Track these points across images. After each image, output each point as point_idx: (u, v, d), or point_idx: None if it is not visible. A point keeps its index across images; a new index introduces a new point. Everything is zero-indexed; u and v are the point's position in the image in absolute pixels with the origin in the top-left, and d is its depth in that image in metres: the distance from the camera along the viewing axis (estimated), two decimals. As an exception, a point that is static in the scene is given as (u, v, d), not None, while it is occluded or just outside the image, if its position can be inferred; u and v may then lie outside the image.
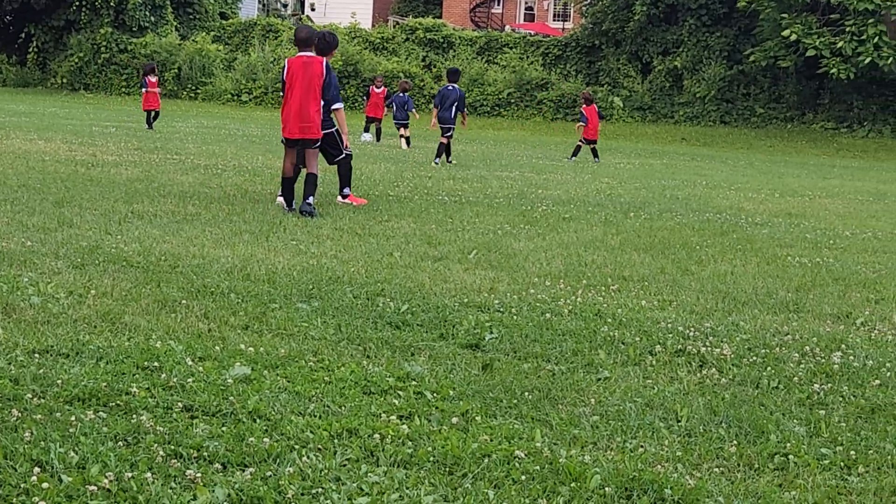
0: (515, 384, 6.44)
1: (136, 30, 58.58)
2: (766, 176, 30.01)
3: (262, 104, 56.19)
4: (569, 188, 20.57)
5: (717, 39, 55.32)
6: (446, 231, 13.11)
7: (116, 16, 58.21)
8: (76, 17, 58.20)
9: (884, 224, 17.61)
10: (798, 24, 48.85)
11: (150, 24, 58.89)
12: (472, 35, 60.58)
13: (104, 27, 58.00)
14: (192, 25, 61.79)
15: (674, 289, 10.06)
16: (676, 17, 56.44)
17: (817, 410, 6.29)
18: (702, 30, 55.72)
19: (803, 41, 48.56)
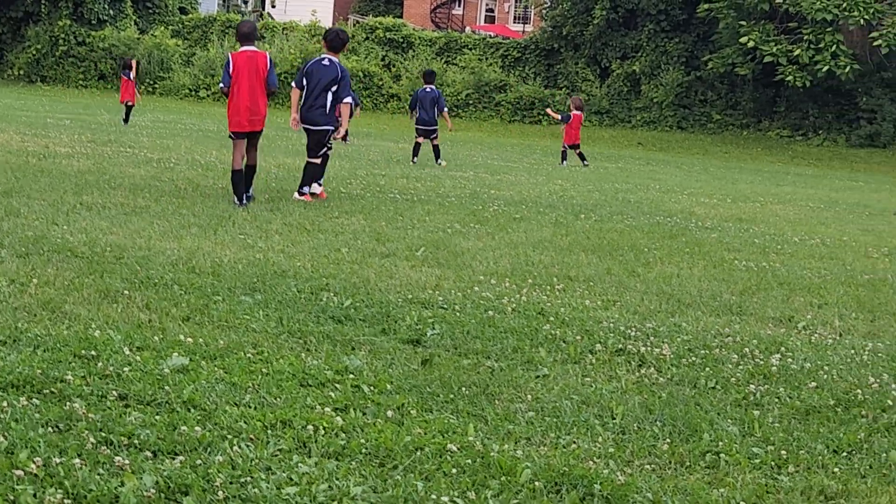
0: (454, 379, 6.46)
1: (95, 23, 58.27)
2: (720, 181, 30.14)
3: (220, 100, 55.93)
4: (522, 189, 20.60)
5: (676, 45, 55.52)
6: (396, 229, 13.12)
7: (75, 8, 57.90)
8: (35, 8, 57.87)
9: (833, 231, 17.72)
10: (756, 31, 49.09)
11: (109, 17, 58.60)
12: (432, 35, 60.58)
13: (63, 19, 57.68)
14: (152, 20, 61.53)
15: (619, 289, 10.10)
16: (636, 22, 56.61)
17: (752, 411, 6.34)
18: (660, 35, 55.90)
19: (761, 48, 48.80)
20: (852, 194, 29.11)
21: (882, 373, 7.46)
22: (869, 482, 5.33)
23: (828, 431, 6.07)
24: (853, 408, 6.57)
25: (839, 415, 6.42)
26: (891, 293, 11.30)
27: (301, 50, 56.20)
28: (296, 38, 57.84)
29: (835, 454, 5.73)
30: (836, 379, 7.22)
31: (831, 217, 20.74)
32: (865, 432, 6.10)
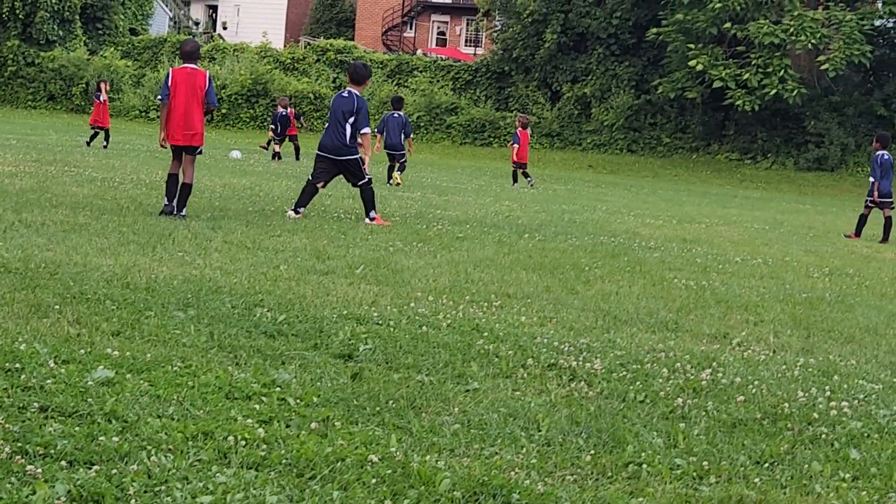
0: (382, 393, 6.45)
1: (44, 43, 58.09)
2: (668, 203, 30.31)
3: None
4: (468, 209, 20.64)
5: (626, 69, 55.85)
6: (337, 247, 13.10)
7: (24, 29, 57.72)
8: (-17, 29, 57.69)
9: (775, 251, 17.83)
10: (705, 55, 49.48)
11: (59, 38, 58.43)
12: (384, 58, 60.72)
13: (11, 40, 57.50)
14: (102, 41, 61.40)
15: (556, 306, 10.12)
16: (586, 46, 56.92)
17: (678, 423, 6.36)
18: (610, 59, 56.24)
19: (710, 72, 49.18)
20: (798, 216, 29.33)
21: (811, 387, 7.50)
22: (788, 492, 5.35)
23: (752, 443, 6.10)
24: (779, 421, 6.60)
25: (765, 427, 6.45)
26: (827, 310, 11.38)
27: (252, 71, 56.20)
28: (247, 60, 57.85)
29: (757, 465, 5.75)
30: (766, 393, 7.25)
31: (775, 238, 20.87)
32: (789, 444, 6.13)
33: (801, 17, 47.87)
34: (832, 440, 6.29)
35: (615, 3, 55.68)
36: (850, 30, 47.61)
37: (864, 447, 6.22)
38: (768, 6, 48.81)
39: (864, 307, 11.90)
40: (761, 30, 47.84)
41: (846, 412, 6.90)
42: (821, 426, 6.54)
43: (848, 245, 20.69)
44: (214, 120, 56.09)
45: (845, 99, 52.66)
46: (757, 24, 48.08)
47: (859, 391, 7.55)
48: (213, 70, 57.02)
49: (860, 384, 7.77)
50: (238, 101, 56.42)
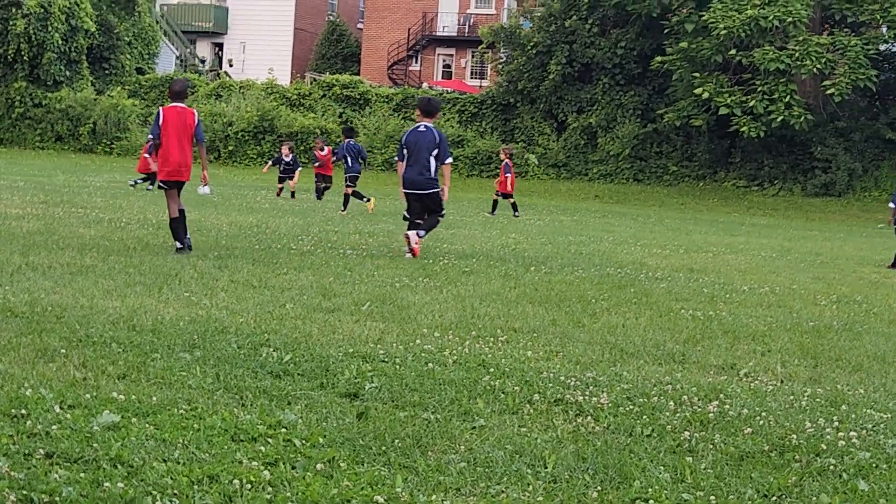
0: (388, 432, 6.45)
1: (52, 84, 58.25)
2: (675, 233, 30.29)
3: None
4: (474, 243, 20.66)
5: (631, 98, 55.93)
6: (344, 284, 13.11)
7: (31, 70, 57.89)
8: (-10, 70, 57.90)
9: (783, 279, 17.80)
10: (710, 83, 49.53)
11: (66, 78, 58.59)
12: (389, 92, 60.83)
13: (18, 81, 57.68)
14: (108, 80, 61.58)
15: (563, 340, 10.11)
16: (591, 76, 57.02)
17: (685, 457, 6.35)
18: (616, 89, 56.33)
19: (715, 100, 49.23)
20: (806, 243, 29.29)
21: (819, 417, 7.48)
22: (796, 526, 5.34)
23: (760, 476, 6.08)
24: (787, 452, 6.59)
25: (773, 460, 6.44)
26: (835, 339, 11.36)
27: (258, 107, 56.32)
28: (252, 96, 58.00)
29: (765, 498, 5.74)
30: (773, 425, 7.24)
31: (783, 266, 20.85)
32: (797, 476, 6.11)
33: (805, 42, 47.94)
34: (840, 471, 6.28)
35: (619, 34, 55.81)
36: (854, 54, 47.66)
37: (873, 478, 6.21)
38: (773, 32, 48.88)
39: (872, 335, 11.88)
40: (766, 56, 47.91)
41: (854, 442, 6.88)
42: (829, 457, 6.53)
43: (856, 271, 20.66)
44: (221, 157, 56.21)
45: (851, 124, 52.68)
46: (762, 50, 48.15)
47: (868, 421, 7.53)
48: (219, 107, 57.22)
49: (868, 413, 7.75)
50: (245, 137, 56.56)
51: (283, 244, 17.46)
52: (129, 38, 63.43)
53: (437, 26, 72.83)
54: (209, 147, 56.41)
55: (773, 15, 47.60)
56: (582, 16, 55.84)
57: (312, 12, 77.88)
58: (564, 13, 55.90)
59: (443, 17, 72.69)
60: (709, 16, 48.37)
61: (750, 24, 47.59)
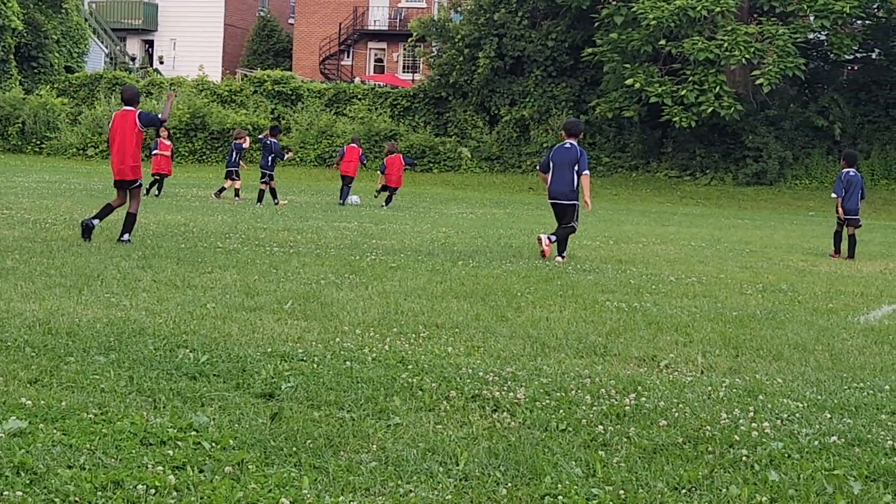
0: (301, 432, 6.40)
1: (-21, 83, 57.70)
2: (606, 224, 30.39)
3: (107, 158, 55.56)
4: (404, 238, 20.61)
5: (563, 90, 56.04)
6: (268, 282, 13.03)
7: (-42, 70, 57.31)
8: (-85, 70, 57.23)
9: (711, 269, 17.89)
10: (641, 73, 49.71)
11: (-7, 78, 58.03)
12: (321, 87, 60.66)
13: (-55, 82, 57.09)
14: (37, 79, 61.06)
15: (485, 335, 10.09)
16: (522, 69, 57.07)
17: (598, 451, 6.33)
18: (548, 81, 56.40)
19: (646, 90, 49.41)
20: (736, 232, 29.48)
21: (735, 408, 7.50)
22: (704, 518, 5.34)
23: (672, 469, 6.08)
24: (701, 444, 6.59)
25: (686, 452, 6.44)
26: (757, 328, 11.41)
27: (189, 105, 55.96)
28: (184, 94, 57.60)
29: (675, 491, 5.74)
30: (689, 416, 7.25)
31: (712, 255, 20.95)
32: (709, 468, 6.12)
33: (734, 32, 48.21)
34: (752, 462, 6.29)
35: (550, 26, 55.88)
36: (783, 43, 47.97)
37: (785, 468, 6.22)
38: (702, 23, 49.13)
39: (794, 323, 11.93)
40: (696, 46, 48.14)
41: (768, 433, 6.90)
42: (742, 448, 6.54)
43: (784, 260, 20.79)
44: (153, 155, 55.84)
45: (781, 113, 53.07)
46: (691, 40, 48.38)
47: (783, 410, 7.56)
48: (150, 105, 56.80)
49: (785, 403, 7.78)
50: (176, 135, 56.16)
51: (209, 243, 17.34)
52: (58, 37, 62.92)
53: (369, 20, 72.73)
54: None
55: (701, 5, 47.83)
56: (511, 9, 55.87)
57: (243, 8, 77.54)
58: (493, 6, 55.90)
59: (374, 12, 72.61)
60: (638, 7, 48.54)
61: (679, 14, 47.79)
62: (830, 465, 6.30)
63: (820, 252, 23.26)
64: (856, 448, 6.67)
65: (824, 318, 12.58)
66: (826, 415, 7.49)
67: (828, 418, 7.39)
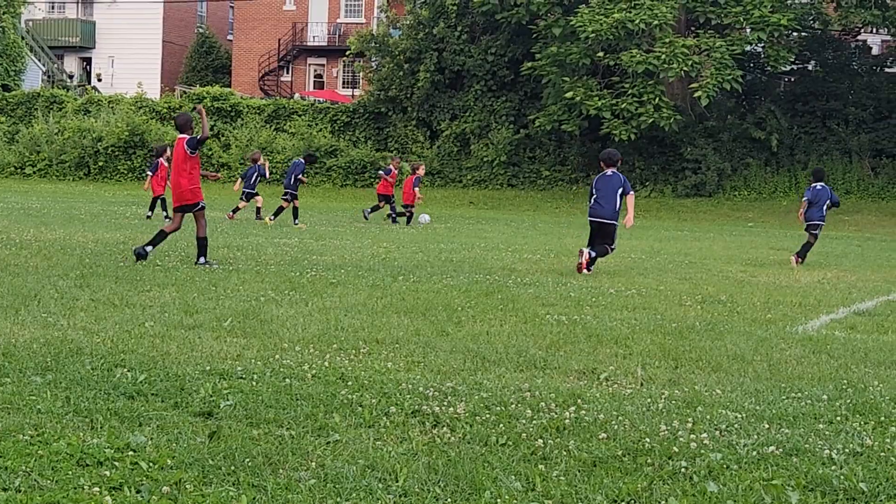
0: (240, 450, 6.37)
1: (-87, 103, 57.20)
2: (547, 237, 30.46)
3: (46, 176, 55.26)
4: (344, 254, 20.58)
5: (503, 104, 56.15)
6: (207, 300, 12.97)
7: None
8: None
9: (650, 281, 17.96)
10: (580, 87, 49.89)
11: (-72, 96, 57.55)
12: (261, 103, 60.50)
13: None
14: (-27, 98, 60.60)
15: (425, 350, 10.08)
16: (463, 84, 57.14)
17: (538, 465, 6.34)
18: (488, 95, 56.50)
19: (585, 103, 49.57)
20: (676, 244, 29.62)
21: (674, 420, 7.54)
22: (643, 531, 5.36)
23: (611, 482, 6.10)
24: (640, 457, 6.62)
25: (625, 464, 6.46)
26: (697, 340, 11.46)
27: (128, 122, 55.65)
28: (122, 111, 57.29)
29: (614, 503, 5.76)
30: (629, 429, 7.27)
31: (652, 267, 21.04)
32: (648, 481, 6.14)
33: (672, 44, 48.44)
34: (691, 474, 6.31)
35: (489, 40, 55.98)
36: (720, 55, 48.26)
37: (723, 479, 6.25)
38: (640, 35, 49.35)
39: (733, 334, 12.00)
40: (634, 59, 48.33)
41: (707, 444, 6.93)
42: (681, 460, 6.57)
43: (723, 271, 20.91)
44: (91, 173, 55.52)
45: (720, 124, 53.45)
46: (629, 53, 48.57)
47: (722, 421, 7.60)
48: (88, 123, 56.47)
49: (723, 414, 7.82)
50: (115, 153, 55.89)
51: (148, 260, 17.23)
52: (-6, 55, 62.48)
53: (308, 36, 72.61)
54: (79, 163, 55.70)
55: (639, 18, 48.03)
56: (450, 23, 55.92)
57: (181, 25, 77.21)
58: (433, 21, 55.92)
59: (313, 27, 72.49)
60: (576, 20, 48.67)
61: (617, 27, 47.97)
62: (769, 475, 6.34)
63: (759, 263, 23.41)
64: (794, 458, 6.71)
65: (763, 328, 12.65)
66: (764, 425, 7.54)
67: (766, 428, 7.43)
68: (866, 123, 53.96)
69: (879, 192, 50.85)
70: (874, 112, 54.34)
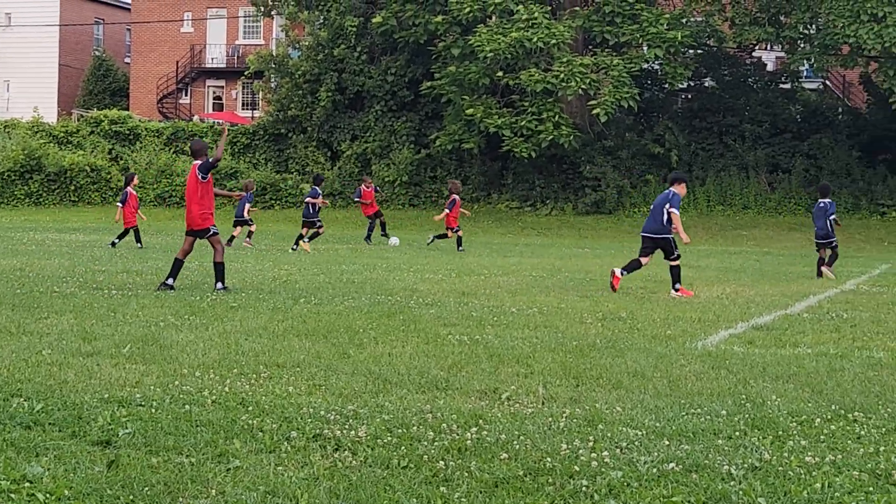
0: (138, 479, 6.30)
1: None
2: (449, 256, 30.52)
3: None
4: (245, 276, 20.48)
5: (404, 124, 56.22)
6: (106, 326, 12.83)
7: None
8: None
9: (552, 299, 18.02)
10: (479, 105, 50.07)
11: None
12: (160, 126, 60.13)
13: None
14: None
15: (327, 373, 10.04)
16: (363, 104, 57.16)
17: (440, 487, 6.33)
18: (388, 115, 56.55)
19: (485, 122, 49.76)
20: (576, 261, 29.78)
21: (575, 438, 7.56)
22: (544, 551, 5.36)
23: (512, 502, 6.11)
24: (541, 476, 6.63)
25: (527, 484, 6.47)
26: (598, 357, 11.51)
27: (24, 146, 55.02)
28: (18, 136, 56.64)
29: (516, 525, 5.76)
30: (530, 448, 7.28)
31: (553, 285, 21.13)
32: (549, 500, 6.16)
33: (570, 63, 48.79)
34: (592, 492, 6.34)
35: (389, 61, 56.06)
36: (617, 74, 48.70)
37: (624, 497, 6.29)
38: (538, 54, 49.65)
39: (633, 351, 12.06)
40: (532, 78, 48.61)
41: (607, 462, 6.96)
42: (582, 479, 6.59)
43: (623, 287, 21.03)
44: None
45: (618, 142, 53.91)
46: (528, 72, 48.85)
47: (623, 438, 7.64)
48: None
49: (624, 431, 7.86)
50: (11, 177, 55.26)
51: (46, 287, 17.04)
52: None
53: (206, 58, 72.27)
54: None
55: (537, 37, 48.33)
56: (350, 44, 55.92)
57: (77, 48, 76.47)
58: (332, 42, 55.88)
59: (211, 49, 72.17)
60: (475, 40, 48.86)
61: (515, 46, 48.23)
62: (668, 492, 6.38)
63: (659, 279, 23.57)
64: (693, 474, 6.76)
65: (663, 344, 12.74)
66: (664, 442, 7.59)
67: (666, 445, 7.48)
68: (762, 139, 54.69)
69: (776, 206, 51.53)
70: (770, 128, 55.09)
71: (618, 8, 49.91)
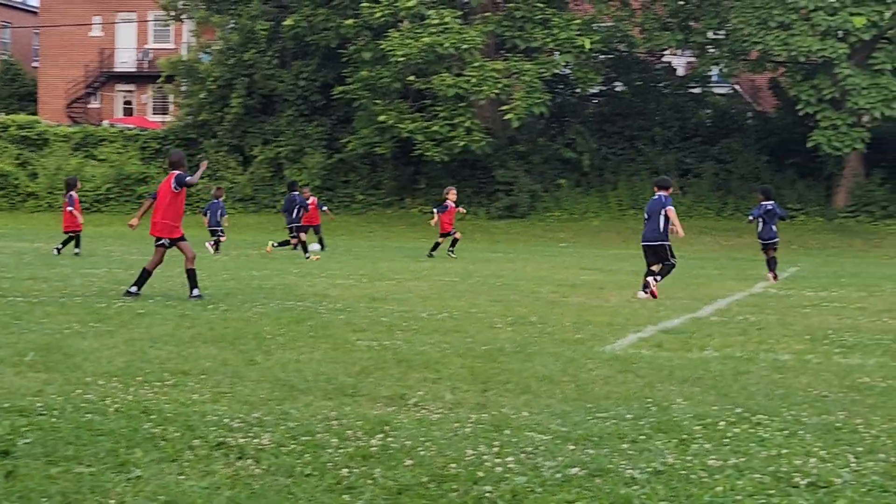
0: (37, 490, 6.20)
1: None
2: (362, 261, 30.45)
3: None
4: (153, 283, 20.22)
5: (316, 129, 56.09)
6: (9, 334, 12.64)
7: None
8: None
9: (462, 304, 18.00)
10: (391, 110, 50.07)
11: None
12: (68, 131, 59.54)
13: None
14: None
15: (232, 380, 9.95)
16: (275, 108, 56.95)
17: (343, 495, 6.29)
18: (300, 120, 56.40)
19: (398, 126, 49.77)
20: (489, 266, 29.82)
21: (480, 444, 7.53)
22: (446, 559, 5.33)
23: (416, 510, 6.07)
24: (446, 483, 6.60)
25: (431, 491, 6.44)
26: (506, 362, 11.50)
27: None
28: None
29: (421, 532, 5.72)
30: (435, 455, 7.24)
31: (464, 290, 21.12)
32: (453, 507, 6.13)
33: (482, 68, 48.91)
34: (496, 498, 6.32)
35: (301, 65, 55.91)
36: (529, 79, 48.88)
37: (527, 503, 6.26)
38: (450, 59, 49.72)
39: (543, 356, 12.06)
40: (444, 82, 48.71)
41: (512, 467, 6.94)
42: (486, 485, 6.56)
43: (535, 291, 21.08)
44: None
45: (531, 146, 54.09)
46: (440, 77, 48.92)
47: (528, 444, 7.62)
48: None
49: (530, 437, 7.84)
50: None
51: (-50, 295, 16.78)
52: None
53: (116, 62, 71.66)
54: None
55: (448, 42, 48.41)
56: (261, 48, 55.66)
57: (-16, 52, 75.63)
58: (243, 46, 55.62)
59: (120, 53, 71.60)
60: (386, 44, 48.87)
61: (427, 51, 48.28)
62: (572, 497, 6.37)
63: (570, 283, 23.66)
64: (597, 479, 6.75)
65: (572, 348, 12.76)
66: (570, 446, 7.58)
67: (571, 450, 7.48)
68: (672, 143, 55.15)
69: (688, 210, 51.90)
70: (679, 131, 55.57)
71: (529, 13, 50.10)
